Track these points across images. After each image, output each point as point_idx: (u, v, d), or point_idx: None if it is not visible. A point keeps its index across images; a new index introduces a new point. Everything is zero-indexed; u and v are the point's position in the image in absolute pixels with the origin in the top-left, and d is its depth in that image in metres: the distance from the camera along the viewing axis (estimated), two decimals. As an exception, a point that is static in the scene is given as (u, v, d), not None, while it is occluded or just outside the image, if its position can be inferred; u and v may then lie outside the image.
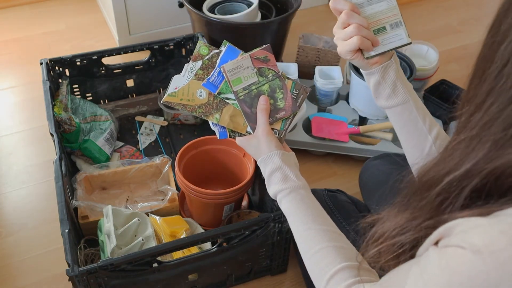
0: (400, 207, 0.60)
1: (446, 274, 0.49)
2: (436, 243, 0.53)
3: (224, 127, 0.87)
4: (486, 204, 0.49)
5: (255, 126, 0.88)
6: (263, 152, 0.85)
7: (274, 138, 0.87)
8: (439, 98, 1.47)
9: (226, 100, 0.86)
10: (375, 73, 0.81)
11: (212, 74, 0.86)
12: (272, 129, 0.90)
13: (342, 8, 0.79)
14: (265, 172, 0.85)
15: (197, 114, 0.85)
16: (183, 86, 0.85)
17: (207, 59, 0.88)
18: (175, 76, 0.87)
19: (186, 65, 0.87)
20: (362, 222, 0.65)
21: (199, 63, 0.88)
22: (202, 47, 0.89)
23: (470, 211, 0.50)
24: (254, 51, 0.89)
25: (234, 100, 0.86)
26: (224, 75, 0.85)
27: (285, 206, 0.82)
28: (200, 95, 0.86)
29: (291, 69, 1.55)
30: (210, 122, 0.88)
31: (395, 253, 0.58)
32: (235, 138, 0.89)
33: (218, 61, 0.88)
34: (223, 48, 0.89)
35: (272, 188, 0.84)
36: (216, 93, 0.85)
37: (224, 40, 0.89)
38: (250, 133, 0.88)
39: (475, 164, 0.49)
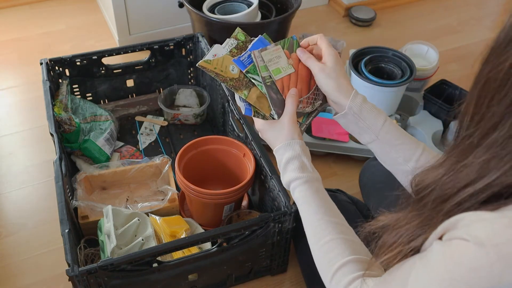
0: (412, 216, 0.60)
1: (449, 266, 0.50)
2: (441, 238, 0.54)
3: (250, 104, 0.88)
4: (495, 203, 0.51)
5: (280, 112, 0.87)
6: (284, 139, 0.84)
7: (298, 128, 0.86)
8: (439, 98, 1.47)
9: (253, 81, 0.87)
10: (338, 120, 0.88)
11: (243, 54, 0.88)
12: None
13: None
14: (282, 159, 0.84)
15: (228, 86, 0.86)
16: (219, 57, 0.87)
17: (242, 42, 0.91)
18: (216, 44, 0.89)
19: (227, 39, 0.90)
20: (367, 227, 0.66)
21: (234, 42, 0.90)
22: (239, 33, 0.92)
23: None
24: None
25: (261, 82, 0.87)
26: (254, 60, 0.87)
27: (299, 194, 0.81)
28: (233, 70, 0.87)
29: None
30: (237, 97, 0.88)
31: (406, 256, 0.59)
32: (258, 118, 0.89)
33: (250, 45, 0.90)
34: (256, 38, 0.91)
35: (288, 176, 0.83)
36: (244, 71, 0.87)
37: (264, 34, 0.91)
38: (273, 118, 0.88)
39: (496, 179, 0.50)
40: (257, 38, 0.91)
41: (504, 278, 0.46)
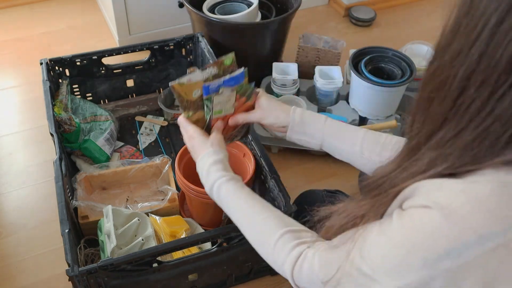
0: (363, 201, 0.62)
1: (408, 233, 0.51)
2: (401, 207, 0.55)
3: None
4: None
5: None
6: (210, 147, 0.88)
7: (224, 145, 0.91)
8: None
9: (205, 107, 0.93)
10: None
11: (214, 84, 0.91)
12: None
13: None
14: (206, 163, 0.85)
15: (181, 105, 0.91)
16: (192, 82, 0.89)
17: (225, 67, 0.94)
18: (197, 70, 0.92)
19: (210, 68, 0.93)
20: (320, 211, 0.68)
21: (215, 70, 0.93)
22: (228, 58, 0.95)
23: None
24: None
25: (210, 111, 0.94)
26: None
27: (226, 191, 0.82)
28: (195, 94, 0.92)
29: (291, 69, 1.55)
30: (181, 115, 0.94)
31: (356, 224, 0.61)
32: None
33: (226, 77, 0.93)
34: (237, 71, 0.95)
35: (212, 176, 0.84)
36: (205, 97, 0.92)
37: (244, 68, 0.95)
38: None
39: (443, 170, 0.52)
40: (237, 72, 0.94)
41: (459, 240, 0.47)
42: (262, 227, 0.77)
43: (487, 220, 0.46)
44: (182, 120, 0.91)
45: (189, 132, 0.90)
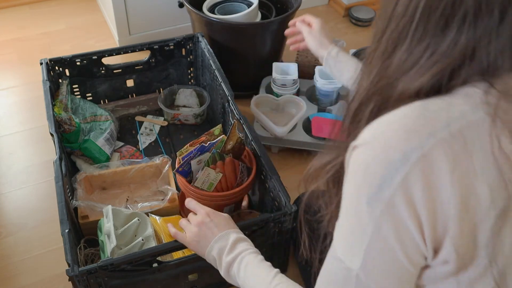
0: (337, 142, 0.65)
1: (352, 177, 0.52)
2: None
3: None
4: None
5: None
6: (225, 227, 0.87)
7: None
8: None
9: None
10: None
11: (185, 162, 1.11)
12: None
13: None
14: (229, 240, 0.84)
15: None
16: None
17: (214, 136, 1.15)
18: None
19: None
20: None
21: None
22: (218, 129, 1.16)
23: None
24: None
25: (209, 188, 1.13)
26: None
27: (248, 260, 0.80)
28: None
29: (291, 69, 1.55)
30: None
31: (332, 175, 0.62)
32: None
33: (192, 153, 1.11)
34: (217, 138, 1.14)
35: (239, 247, 0.83)
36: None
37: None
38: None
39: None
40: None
41: (387, 162, 0.48)
42: None
43: (406, 137, 0.48)
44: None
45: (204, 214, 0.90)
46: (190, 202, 0.93)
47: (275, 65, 1.55)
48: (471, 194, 0.48)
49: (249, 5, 1.64)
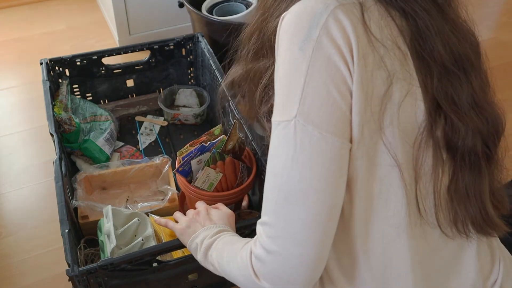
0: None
1: (285, 35, 0.59)
2: None
3: None
4: None
5: None
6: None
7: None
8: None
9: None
10: None
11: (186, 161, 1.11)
12: None
13: None
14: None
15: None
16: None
17: (215, 135, 1.16)
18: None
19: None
20: None
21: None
22: (218, 129, 1.16)
23: None
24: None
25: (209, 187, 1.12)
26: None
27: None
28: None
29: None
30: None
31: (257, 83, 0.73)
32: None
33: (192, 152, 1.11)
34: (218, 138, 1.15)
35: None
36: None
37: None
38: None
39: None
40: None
41: (312, 12, 0.56)
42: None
43: None
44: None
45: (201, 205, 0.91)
46: (199, 202, 0.92)
47: (275, 65, 1.55)
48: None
49: (248, 5, 1.65)
